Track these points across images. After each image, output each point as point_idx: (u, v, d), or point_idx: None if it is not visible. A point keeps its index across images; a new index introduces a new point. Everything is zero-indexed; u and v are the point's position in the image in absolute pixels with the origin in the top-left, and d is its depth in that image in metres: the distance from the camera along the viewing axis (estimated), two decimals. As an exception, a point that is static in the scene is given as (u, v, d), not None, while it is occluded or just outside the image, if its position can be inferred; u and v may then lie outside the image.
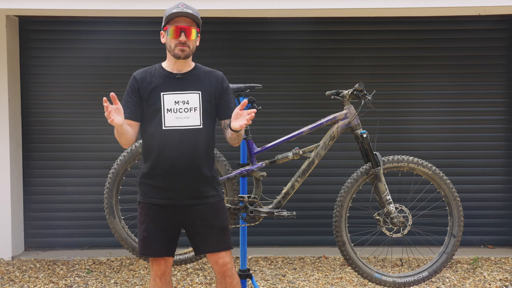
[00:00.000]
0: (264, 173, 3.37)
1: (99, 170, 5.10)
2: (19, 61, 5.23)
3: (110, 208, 3.57)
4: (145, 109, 2.70)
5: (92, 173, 5.25)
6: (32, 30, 5.28)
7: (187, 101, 2.68)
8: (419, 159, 3.53)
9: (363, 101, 3.40)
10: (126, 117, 2.64)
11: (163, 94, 2.67)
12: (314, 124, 3.45)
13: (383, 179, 3.42)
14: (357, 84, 3.36)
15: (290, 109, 5.34)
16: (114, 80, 5.29)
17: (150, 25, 5.26)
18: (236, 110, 2.62)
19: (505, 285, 4.30)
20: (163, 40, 2.77)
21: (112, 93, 2.51)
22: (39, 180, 5.33)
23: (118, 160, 3.59)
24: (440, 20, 5.25)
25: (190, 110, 2.68)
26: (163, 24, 2.73)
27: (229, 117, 2.75)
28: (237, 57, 5.38)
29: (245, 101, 2.54)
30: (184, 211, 2.71)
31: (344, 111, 3.45)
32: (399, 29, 5.33)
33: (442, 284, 4.34)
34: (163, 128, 2.65)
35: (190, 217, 2.73)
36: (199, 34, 2.74)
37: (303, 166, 3.43)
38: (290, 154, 3.40)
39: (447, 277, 4.48)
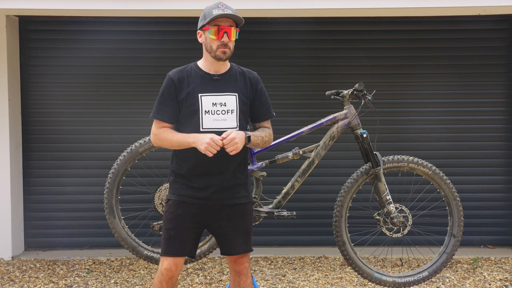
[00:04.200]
0: (264, 173, 3.37)
1: (99, 170, 5.10)
2: (19, 61, 5.22)
3: (110, 208, 3.58)
4: (181, 110, 2.66)
5: (92, 173, 5.25)
6: (32, 30, 5.27)
7: (225, 103, 2.66)
8: (419, 159, 3.53)
9: (363, 101, 3.41)
10: (165, 120, 2.66)
11: (201, 96, 2.64)
12: (314, 124, 3.46)
13: (383, 179, 3.43)
14: (357, 84, 3.37)
15: (290, 109, 5.34)
16: (114, 80, 5.30)
17: (151, 25, 5.26)
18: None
19: (505, 285, 4.30)
20: (201, 40, 2.70)
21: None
22: (39, 180, 5.33)
23: (118, 160, 3.60)
24: (440, 20, 5.25)
25: (227, 112, 2.66)
26: (202, 23, 2.67)
27: (261, 120, 2.81)
28: (237, 57, 5.35)
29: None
30: (214, 211, 2.70)
31: (344, 111, 3.46)
32: (399, 29, 5.33)
33: (442, 284, 4.34)
34: (201, 130, 2.63)
35: (218, 217, 2.71)
36: (238, 35, 2.73)
37: (303, 166, 3.44)
38: (290, 154, 3.40)
39: (447, 277, 4.48)
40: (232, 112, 2.66)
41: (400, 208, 3.50)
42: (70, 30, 5.26)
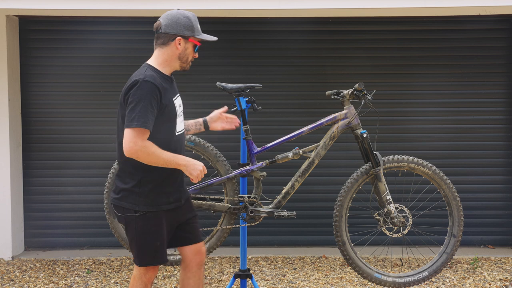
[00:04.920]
0: (264, 173, 3.37)
1: (99, 170, 5.10)
2: (19, 61, 5.22)
3: (110, 208, 3.57)
4: (160, 116, 2.58)
5: (92, 173, 5.25)
6: (32, 30, 5.27)
7: (180, 104, 2.79)
8: (419, 159, 3.53)
9: (363, 101, 3.41)
10: (150, 129, 2.53)
11: (174, 100, 2.70)
12: (314, 124, 3.45)
13: (383, 179, 3.43)
14: (357, 84, 3.37)
15: (290, 109, 5.34)
16: (114, 80, 5.29)
17: (151, 25, 5.18)
18: (217, 113, 3.14)
19: (505, 285, 4.30)
20: (178, 47, 2.65)
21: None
22: (39, 180, 5.33)
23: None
24: (440, 20, 5.25)
25: (182, 113, 2.81)
26: (190, 34, 2.66)
27: None
28: (237, 57, 5.38)
29: (225, 107, 2.97)
30: (182, 208, 2.80)
31: (344, 111, 3.45)
32: (399, 29, 5.33)
33: (442, 284, 4.34)
34: (176, 133, 2.70)
35: (185, 211, 2.82)
36: None
37: (303, 166, 3.43)
38: (290, 154, 3.40)
39: (447, 277, 4.48)
40: (183, 113, 2.83)
41: (400, 208, 3.50)
42: (70, 30, 5.26)
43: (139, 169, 2.61)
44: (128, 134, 2.50)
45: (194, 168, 2.61)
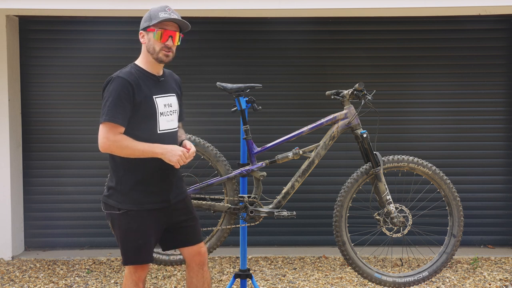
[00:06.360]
0: (264, 173, 3.37)
1: (99, 170, 5.10)
2: (19, 61, 5.22)
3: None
4: (134, 113, 2.59)
5: (92, 173, 5.25)
6: (32, 30, 5.27)
7: (170, 103, 2.75)
8: (419, 159, 3.53)
9: (363, 101, 3.41)
10: (122, 124, 2.55)
11: (155, 98, 2.67)
12: (314, 124, 3.46)
13: (383, 179, 3.43)
14: (357, 84, 3.37)
15: (290, 109, 5.34)
16: (114, 80, 5.29)
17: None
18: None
19: (505, 285, 4.30)
20: (143, 41, 2.73)
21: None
22: (39, 180, 5.33)
23: (118, 160, 3.59)
24: (440, 20, 5.25)
25: (173, 112, 2.76)
26: (146, 24, 2.70)
27: (180, 120, 2.92)
28: (237, 57, 5.38)
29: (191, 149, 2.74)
30: (172, 209, 2.77)
31: (344, 111, 3.45)
32: (399, 29, 5.33)
33: (442, 284, 4.34)
34: (158, 132, 2.67)
35: (176, 214, 2.79)
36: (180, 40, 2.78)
37: (303, 166, 3.44)
38: (290, 154, 3.40)
39: (447, 277, 4.48)
40: (175, 112, 2.78)
41: (400, 208, 3.50)
42: (70, 30, 5.26)
43: (120, 167, 2.66)
44: (100, 130, 2.56)
45: (172, 154, 2.57)
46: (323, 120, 3.46)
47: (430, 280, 3.73)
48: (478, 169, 5.38)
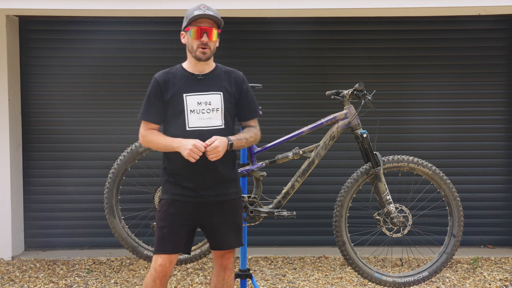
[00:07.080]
0: (264, 173, 3.37)
1: (99, 170, 5.10)
2: (19, 61, 5.22)
3: (110, 208, 3.57)
4: (167, 110, 2.73)
5: (92, 173, 5.25)
6: (32, 30, 5.27)
7: (209, 101, 2.72)
8: (419, 159, 3.53)
9: (363, 101, 3.41)
10: (152, 121, 2.75)
11: (185, 96, 2.70)
12: (314, 124, 3.45)
13: (383, 179, 3.43)
14: (357, 84, 3.37)
15: (290, 109, 5.34)
16: (114, 80, 5.30)
17: (150, 25, 5.26)
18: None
19: (505, 285, 4.30)
20: (183, 41, 2.79)
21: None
22: (39, 180, 5.33)
23: (118, 160, 3.59)
24: (440, 20, 5.25)
25: (212, 110, 2.72)
26: (184, 25, 2.76)
27: (247, 119, 2.87)
28: (237, 57, 5.38)
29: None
30: (205, 208, 2.75)
31: (344, 111, 3.45)
32: (399, 29, 5.33)
33: (442, 284, 4.34)
34: (187, 129, 2.69)
35: (210, 214, 2.76)
36: (219, 36, 2.78)
37: (303, 166, 3.43)
38: (290, 154, 3.40)
39: (447, 277, 4.48)
40: (217, 110, 2.73)
41: (400, 208, 3.50)
42: (70, 30, 5.26)
43: (164, 159, 2.81)
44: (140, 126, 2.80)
45: (184, 148, 2.60)
46: (323, 120, 3.46)
47: (430, 280, 3.73)
48: (478, 169, 5.38)
